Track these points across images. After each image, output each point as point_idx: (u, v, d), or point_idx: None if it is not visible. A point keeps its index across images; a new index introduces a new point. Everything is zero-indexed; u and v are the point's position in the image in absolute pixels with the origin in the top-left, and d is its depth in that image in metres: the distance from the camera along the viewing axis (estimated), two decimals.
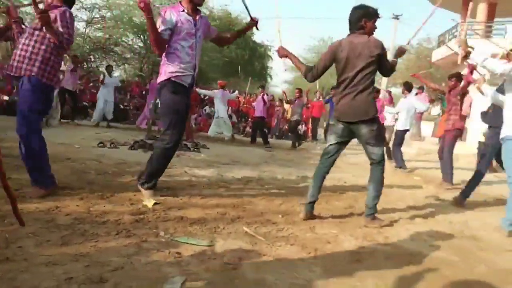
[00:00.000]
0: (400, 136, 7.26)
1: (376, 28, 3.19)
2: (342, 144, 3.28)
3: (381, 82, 20.86)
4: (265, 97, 10.69)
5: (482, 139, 8.50)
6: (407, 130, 7.36)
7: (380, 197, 3.21)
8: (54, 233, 2.30)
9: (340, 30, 64.36)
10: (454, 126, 5.72)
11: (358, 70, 3.04)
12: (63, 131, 7.61)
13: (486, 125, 7.06)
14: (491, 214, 4.05)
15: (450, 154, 5.82)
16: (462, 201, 4.37)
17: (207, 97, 14.86)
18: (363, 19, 3.12)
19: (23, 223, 2.14)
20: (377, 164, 3.17)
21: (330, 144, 3.28)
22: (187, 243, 2.36)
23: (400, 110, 7.51)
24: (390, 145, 7.67)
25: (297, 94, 10.95)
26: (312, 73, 3.23)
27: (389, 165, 8.00)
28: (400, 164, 7.07)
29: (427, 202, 4.41)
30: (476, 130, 11.61)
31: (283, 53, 3.38)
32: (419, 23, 5.10)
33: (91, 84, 14.19)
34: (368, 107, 3.07)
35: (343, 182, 5.29)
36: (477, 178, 4.44)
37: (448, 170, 5.76)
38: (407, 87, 7.51)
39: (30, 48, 3.00)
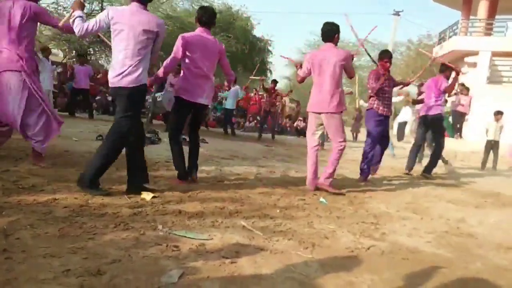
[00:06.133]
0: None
1: None
2: None
3: None
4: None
5: (491, 138, 8.51)
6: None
7: None
8: (52, 225, 2.30)
9: (340, 26, 63.93)
10: None
11: None
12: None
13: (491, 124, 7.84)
14: (488, 211, 4.07)
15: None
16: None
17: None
18: None
19: None
20: None
21: None
22: (185, 236, 2.36)
23: None
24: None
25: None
26: None
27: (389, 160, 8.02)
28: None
29: (425, 198, 4.42)
30: (476, 128, 11.64)
31: None
32: (419, 19, 5.41)
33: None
34: None
35: (341, 177, 5.30)
36: None
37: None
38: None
39: None
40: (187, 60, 3.65)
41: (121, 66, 3.08)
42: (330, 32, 4.19)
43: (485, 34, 16.02)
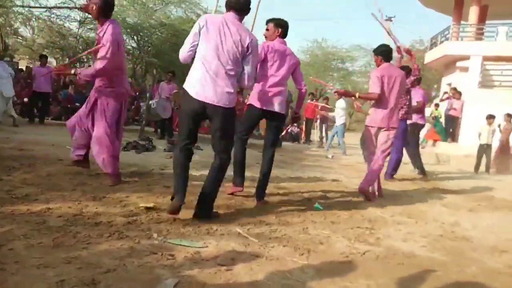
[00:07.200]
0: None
1: None
2: None
3: None
4: None
5: (484, 142, 8.58)
6: None
7: None
8: (46, 235, 2.28)
9: (333, 32, 64.46)
10: None
11: None
12: (55, 132, 7.56)
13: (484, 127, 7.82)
14: (482, 215, 4.10)
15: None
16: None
17: None
18: None
19: None
20: None
21: None
22: (180, 244, 2.36)
23: None
24: None
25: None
26: None
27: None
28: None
29: (419, 203, 4.44)
30: (468, 132, 11.74)
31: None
32: (412, 25, 5.37)
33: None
34: None
35: (336, 183, 5.31)
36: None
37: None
38: None
39: None
40: (263, 68, 3.67)
41: (210, 81, 2.83)
42: (392, 53, 4.51)
43: (476, 39, 16.21)
